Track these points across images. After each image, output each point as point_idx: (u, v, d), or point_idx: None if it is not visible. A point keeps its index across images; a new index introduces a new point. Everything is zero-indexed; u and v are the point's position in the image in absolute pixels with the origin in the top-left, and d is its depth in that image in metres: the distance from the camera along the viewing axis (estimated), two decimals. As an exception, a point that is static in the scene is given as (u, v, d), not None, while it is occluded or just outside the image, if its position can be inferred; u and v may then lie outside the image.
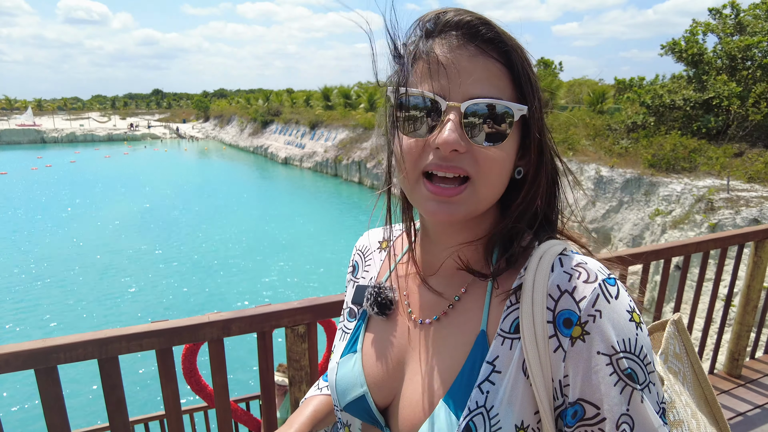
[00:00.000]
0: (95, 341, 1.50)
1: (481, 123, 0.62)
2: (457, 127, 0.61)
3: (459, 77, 0.62)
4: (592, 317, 0.60)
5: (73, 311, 13.83)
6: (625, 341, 0.60)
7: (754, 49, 16.17)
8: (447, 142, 0.61)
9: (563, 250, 0.66)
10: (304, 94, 52.90)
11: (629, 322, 0.61)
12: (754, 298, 3.28)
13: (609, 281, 0.62)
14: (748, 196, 11.48)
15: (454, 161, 0.63)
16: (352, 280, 0.94)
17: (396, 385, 0.76)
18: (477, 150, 0.63)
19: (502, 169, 0.65)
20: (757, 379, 3.31)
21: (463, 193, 0.64)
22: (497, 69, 0.64)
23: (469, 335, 0.69)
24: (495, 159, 0.64)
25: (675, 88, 17.29)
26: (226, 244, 20.14)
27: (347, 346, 0.84)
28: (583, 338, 0.60)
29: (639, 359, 0.60)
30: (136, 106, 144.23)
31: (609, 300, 0.61)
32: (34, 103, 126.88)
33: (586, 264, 0.64)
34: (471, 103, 0.62)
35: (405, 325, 0.79)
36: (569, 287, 0.62)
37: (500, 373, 0.64)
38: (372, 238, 0.95)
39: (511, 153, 0.66)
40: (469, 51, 0.63)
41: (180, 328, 1.60)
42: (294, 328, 1.74)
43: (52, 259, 18.29)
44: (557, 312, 0.61)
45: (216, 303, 14.38)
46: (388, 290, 0.81)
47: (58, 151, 56.78)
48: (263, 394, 1.85)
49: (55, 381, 1.51)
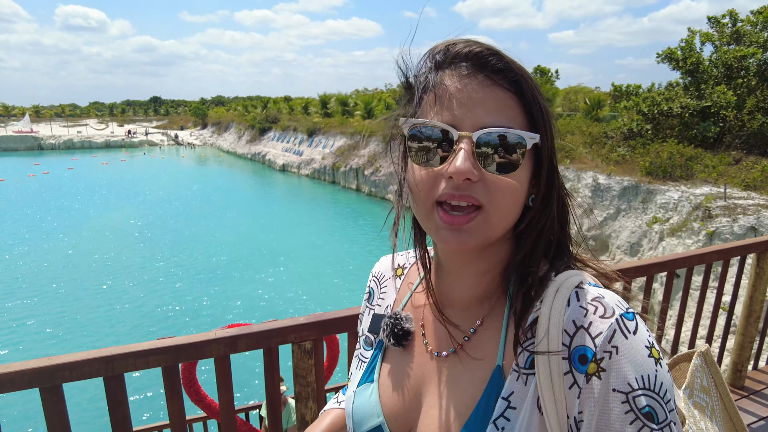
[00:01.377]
0: (101, 359, 1.48)
1: (493, 152, 0.62)
2: (469, 156, 0.62)
3: (470, 107, 0.63)
4: (608, 354, 0.58)
5: (70, 324, 13.73)
6: (644, 378, 0.58)
7: (750, 59, 16.32)
8: (460, 171, 0.61)
9: (580, 282, 0.65)
10: (301, 102, 53.08)
11: (648, 358, 0.59)
12: (757, 309, 3.29)
13: (627, 315, 0.61)
14: (745, 204, 11.53)
15: (466, 190, 0.63)
16: (368, 307, 0.93)
17: (412, 417, 0.75)
18: (489, 179, 0.63)
19: (515, 197, 0.65)
20: (760, 390, 3.31)
21: (474, 221, 0.64)
22: (507, 98, 0.64)
23: (485, 370, 0.69)
24: (507, 188, 0.64)
25: (671, 96, 17.41)
26: (224, 254, 20.08)
27: (364, 375, 0.84)
28: (599, 375, 0.58)
29: (659, 397, 0.58)
30: (134, 113, 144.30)
31: (626, 335, 0.59)
32: (32, 109, 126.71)
33: (603, 298, 0.62)
34: (482, 132, 0.62)
35: (422, 356, 0.78)
36: (585, 323, 0.60)
37: (515, 409, 0.64)
38: (387, 265, 0.95)
39: (523, 181, 0.66)
40: (479, 81, 0.64)
41: (186, 345, 1.59)
42: (301, 344, 1.73)
43: (48, 269, 18.19)
44: (573, 348, 0.60)
45: (215, 315, 14.31)
46: (404, 321, 0.81)
47: (55, 158, 56.67)
48: (270, 410, 1.84)
49: (60, 399, 1.49)
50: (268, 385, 1.79)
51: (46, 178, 40.79)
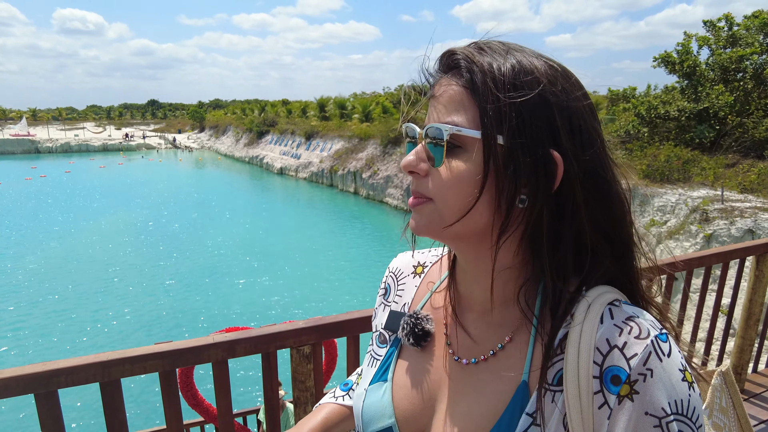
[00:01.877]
0: (97, 364, 1.47)
1: (439, 147, 0.64)
2: (418, 150, 0.66)
3: (432, 107, 0.67)
4: (643, 376, 0.57)
5: (65, 329, 13.66)
6: (677, 403, 0.57)
7: (746, 61, 16.40)
8: (403, 164, 0.67)
9: (614, 300, 0.64)
10: (299, 105, 53.09)
11: (682, 381, 0.58)
12: (756, 311, 3.28)
13: (661, 337, 0.60)
14: (742, 207, 11.56)
15: (417, 185, 0.67)
16: (384, 303, 0.91)
17: (425, 422, 0.73)
18: (433, 173, 0.65)
19: (459, 191, 0.63)
20: (760, 393, 3.30)
21: (424, 204, 0.66)
22: (459, 94, 0.64)
23: (510, 383, 0.67)
24: (446, 180, 0.64)
25: (668, 99, 17.48)
26: (222, 258, 20.04)
27: (377, 374, 0.82)
28: (632, 398, 0.57)
29: (691, 422, 0.58)
30: (132, 117, 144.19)
31: (661, 358, 0.58)
32: (29, 112, 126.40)
33: (638, 318, 0.61)
34: (427, 127, 0.65)
35: (441, 360, 0.76)
36: (619, 342, 0.59)
37: (540, 426, 0.62)
38: (406, 261, 0.92)
39: (470, 174, 0.62)
40: (445, 81, 0.67)
41: (184, 350, 1.57)
42: (299, 349, 1.72)
43: (44, 273, 18.12)
44: (605, 368, 0.59)
45: (212, 319, 14.26)
46: (425, 321, 0.79)
47: (52, 162, 56.57)
48: (268, 414, 1.82)
49: (56, 405, 1.47)
50: (266, 390, 1.77)
51: (43, 181, 40.69)
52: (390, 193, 29.30)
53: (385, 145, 31.41)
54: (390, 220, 26.42)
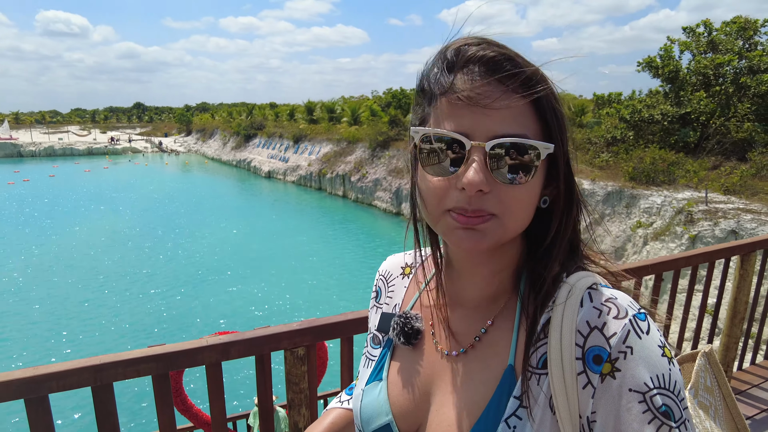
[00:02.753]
0: (89, 368, 1.45)
1: (506, 162, 0.61)
2: (482, 167, 0.61)
3: (482, 115, 0.62)
4: (623, 354, 0.59)
5: (55, 334, 13.42)
6: (659, 377, 0.59)
7: (726, 67, 16.75)
8: (472, 183, 0.60)
9: (592, 283, 0.65)
10: (287, 108, 52.90)
11: (661, 357, 0.60)
12: (741, 310, 3.35)
13: (639, 316, 0.61)
14: (725, 208, 11.77)
15: (478, 203, 0.62)
16: (376, 305, 0.93)
17: (421, 416, 0.75)
18: (502, 189, 0.62)
19: (528, 205, 0.65)
20: (745, 390, 3.36)
21: (488, 222, 0.63)
22: (521, 105, 0.62)
23: (496, 369, 0.69)
24: (520, 198, 0.63)
25: (652, 103, 17.77)
26: (210, 262, 19.85)
27: (372, 374, 0.84)
28: (614, 375, 0.59)
29: (674, 395, 0.59)
30: (117, 120, 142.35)
31: (640, 336, 0.60)
32: (11, 116, 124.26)
33: (616, 299, 0.63)
34: (495, 142, 0.61)
35: (432, 355, 0.78)
36: (599, 323, 0.61)
37: (527, 408, 0.64)
38: (395, 263, 0.95)
39: (536, 189, 0.66)
40: (492, 87, 0.62)
41: (177, 353, 1.56)
42: (293, 351, 1.71)
43: (29, 278, 17.78)
44: (586, 348, 0.61)
45: (202, 324, 14.12)
46: (414, 320, 0.81)
47: (35, 165, 55.61)
48: (262, 417, 1.81)
49: (46, 410, 1.45)
50: (260, 393, 1.76)
51: (26, 185, 39.99)
52: (379, 196, 29.30)
53: (373, 148, 31.42)
54: (379, 223, 26.42)
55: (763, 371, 3.62)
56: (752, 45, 17.61)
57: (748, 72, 16.50)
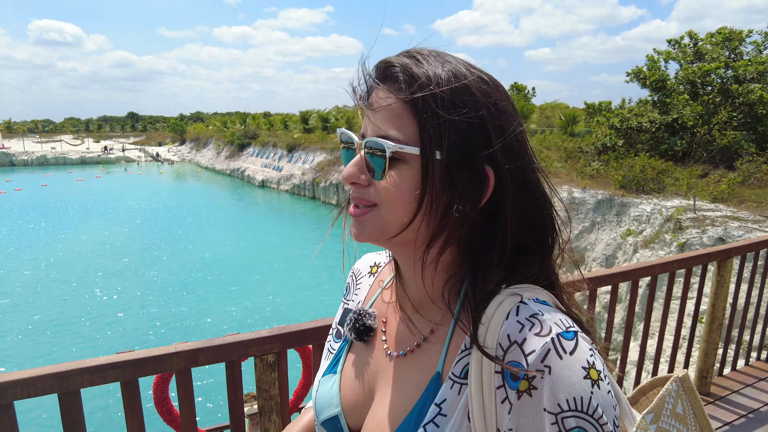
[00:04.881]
0: (55, 375, 1.45)
1: (379, 158, 0.66)
2: (358, 161, 0.69)
3: (371, 117, 0.68)
4: (541, 373, 0.58)
5: (34, 343, 13.28)
6: (576, 400, 0.57)
7: (713, 75, 17.00)
8: (345, 176, 0.70)
9: (527, 297, 0.65)
10: (281, 117, 53.00)
11: (583, 379, 0.58)
12: (719, 316, 3.38)
13: (566, 335, 0.60)
14: (713, 216, 11.87)
15: (360, 193, 0.69)
16: (343, 301, 0.97)
17: (365, 412, 0.77)
18: (376, 183, 0.68)
19: (399, 198, 0.66)
20: (725, 396, 3.39)
21: (368, 214, 0.69)
22: (399, 109, 0.65)
23: (426, 375, 0.70)
24: (389, 191, 0.66)
25: (642, 112, 17.97)
26: (202, 270, 19.75)
27: (329, 366, 0.88)
28: (530, 393, 0.59)
29: (592, 419, 0.58)
30: (111, 129, 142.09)
31: (561, 356, 0.58)
32: (3, 125, 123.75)
33: (542, 315, 0.62)
34: (367, 140, 0.67)
35: (380, 353, 0.80)
36: (519, 338, 0.60)
37: (446, 416, 0.64)
38: (366, 262, 0.99)
39: (410, 186, 0.65)
40: (382, 92, 0.67)
41: (145, 359, 1.56)
42: (263, 357, 1.72)
43: (14, 287, 17.61)
44: (505, 363, 0.60)
45: (187, 331, 14.02)
46: (367, 317, 0.83)
47: (28, 175, 55.23)
48: (233, 425, 1.81)
49: (11, 418, 1.45)
50: (230, 400, 1.77)
51: (18, 194, 39.70)
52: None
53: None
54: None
55: (743, 377, 3.65)
56: (738, 55, 17.91)
57: (734, 81, 16.75)
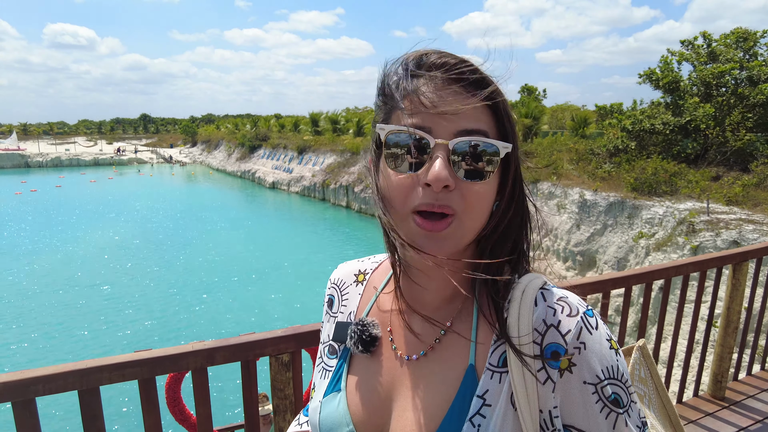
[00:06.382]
0: (76, 372, 1.48)
1: (467, 160, 0.64)
2: (446, 163, 0.63)
3: (445, 116, 0.64)
4: (578, 349, 0.64)
5: (53, 342, 13.47)
6: (609, 369, 0.65)
7: (727, 76, 16.78)
8: (438, 179, 0.62)
9: (543, 284, 0.70)
10: (292, 120, 53.27)
11: (610, 350, 0.66)
12: (734, 319, 3.34)
13: (588, 313, 0.67)
14: (727, 219, 11.72)
15: (443, 199, 0.64)
16: (330, 315, 0.91)
17: (383, 423, 0.75)
18: (464, 186, 0.64)
19: (486, 203, 0.67)
20: (740, 401, 3.34)
21: (449, 227, 0.65)
22: (481, 109, 0.66)
23: (458, 370, 0.70)
24: (480, 194, 0.66)
25: (654, 113, 17.80)
26: (214, 271, 19.90)
27: (330, 385, 0.82)
28: (571, 369, 0.64)
29: (622, 383, 0.66)
30: (124, 131, 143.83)
31: (591, 332, 0.66)
32: (19, 127, 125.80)
33: (567, 298, 0.69)
34: (458, 140, 0.63)
35: (390, 361, 0.78)
36: (554, 321, 0.66)
37: (490, 406, 0.66)
38: (347, 271, 0.93)
39: (494, 188, 0.68)
40: (454, 91, 0.65)
41: (163, 358, 1.58)
42: (278, 357, 1.73)
43: (29, 285, 17.88)
44: (544, 345, 0.65)
45: (202, 331, 14.12)
46: (371, 326, 0.80)
47: (42, 176, 56.15)
48: (247, 424, 1.83)
49: (33, 413, 1.48)
50: (246, 399, 1.79)
51: (33, 195, 40.35)
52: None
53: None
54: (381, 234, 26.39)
55: (759, 382, 3.59)
56: (752, 56, 17.68)
57: (749, 82, 16.54)
